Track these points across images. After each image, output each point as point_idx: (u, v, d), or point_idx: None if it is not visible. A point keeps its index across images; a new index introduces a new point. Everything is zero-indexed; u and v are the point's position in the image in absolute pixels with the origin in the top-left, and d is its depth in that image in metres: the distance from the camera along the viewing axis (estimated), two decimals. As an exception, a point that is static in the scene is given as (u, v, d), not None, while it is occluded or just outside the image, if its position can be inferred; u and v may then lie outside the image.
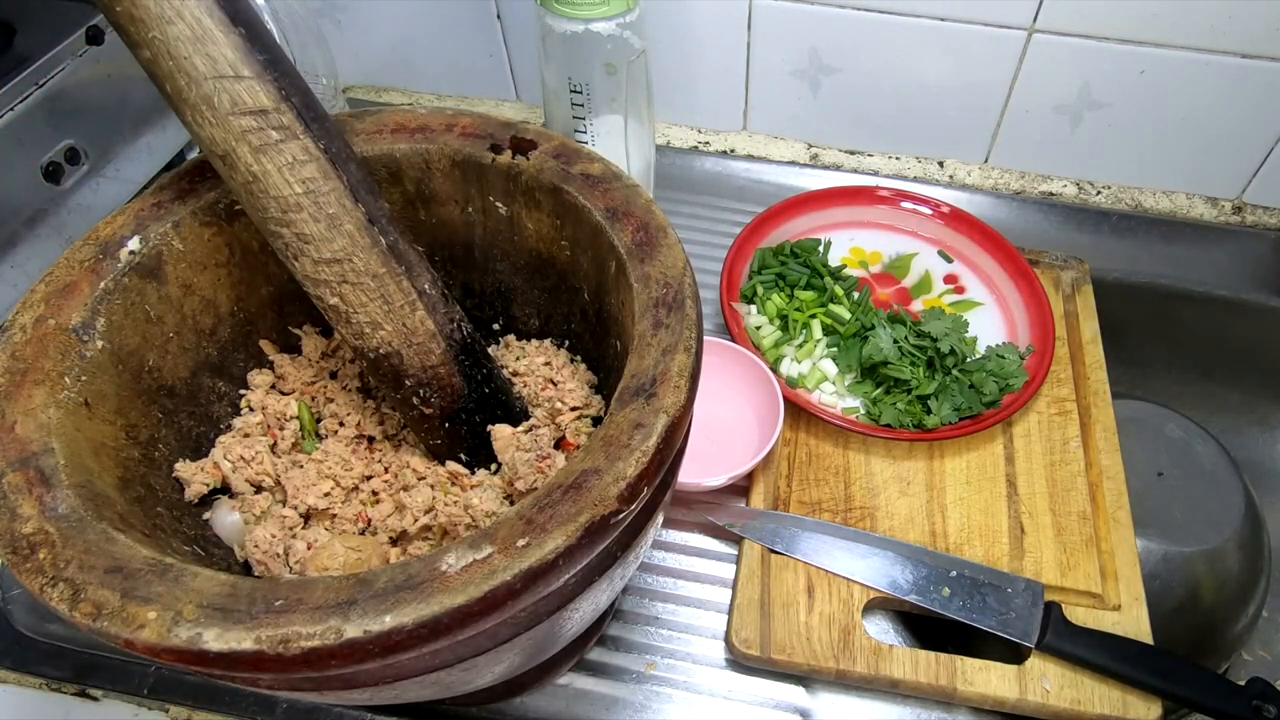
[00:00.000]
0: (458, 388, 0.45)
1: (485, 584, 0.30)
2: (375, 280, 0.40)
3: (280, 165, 0.37)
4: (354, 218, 0.39)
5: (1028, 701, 0.55)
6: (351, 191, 0.39)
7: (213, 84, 0.35)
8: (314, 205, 0.38)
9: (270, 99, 0.36)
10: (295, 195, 0.37)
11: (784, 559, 0.60)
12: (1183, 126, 0.80)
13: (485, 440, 0.47)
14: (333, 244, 0.39)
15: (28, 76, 0.65)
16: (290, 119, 0.36)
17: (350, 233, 0.39)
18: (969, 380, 0.67)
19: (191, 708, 0.57)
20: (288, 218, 0.38)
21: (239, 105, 0.35)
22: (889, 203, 0.81)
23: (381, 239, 0.40)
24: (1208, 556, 0.68)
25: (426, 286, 0.42)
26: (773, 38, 0.82)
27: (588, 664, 0.58)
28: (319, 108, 0.38)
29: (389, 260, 0.40)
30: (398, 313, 0.41)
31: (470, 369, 0.45)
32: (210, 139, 0.36)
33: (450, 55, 0.93)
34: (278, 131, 0.36)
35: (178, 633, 0.29)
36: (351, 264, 0.39)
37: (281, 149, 0.37)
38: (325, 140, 0.38)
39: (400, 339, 0.42)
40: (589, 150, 0.46)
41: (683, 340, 0.38)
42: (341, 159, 0.38)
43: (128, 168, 0.76)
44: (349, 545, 0.43)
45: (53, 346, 0.38)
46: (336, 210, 0.38)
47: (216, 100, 0.35)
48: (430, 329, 0.42)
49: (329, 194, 0.38)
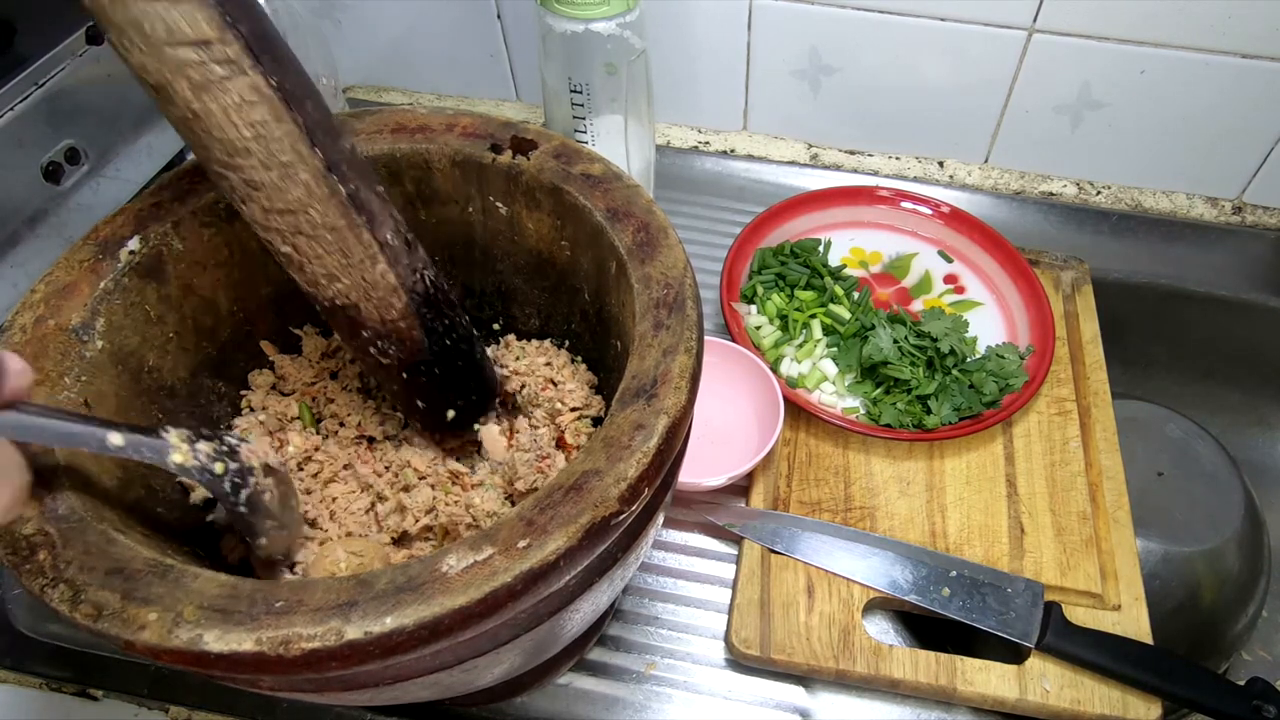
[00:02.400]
0: (418, 340, 0.42)
1: (486, 585, 0.30)
2: (333, 234, 0.37)
3: (225, 106, 0.33)
4: (310, 165, 0.35)
5: (1028, 701, 0.55)
6: (308, 135, 0.34)
7: (140, 7, 0.30)
8: (264, 151, 0.34)
9: (213, 27, 0.31)
10: (243, 139, 0.33)
11: (784, 559, 0.60)
12: (1183, 126, 0.80)
13: (444, 390, 0.46)
14: (286, 194, 0.35)
15: (28, 76, 0.65)
16: (236, 50, 0.32)
17: (306, 182, 0.35)
18: (969, 380, 0.67)
19: (191, 708, 0.57)
20: (234, 162, 0.34)
21: (175, 34, 0.31)
22: (889, 203, 0.81)
23: (341, 188, 0.36)
24: (1208, 556, 0.68)
25: (389, 236, 0.39)
26: (773, 38, 0.82)
27: (588, 664, 0.58)
28: (274, 38, 0.34)
29: (349, 211, 0.37)
30: (357, 266, 0.38)
31: (432, 321, 0.43)
32: (141, 66, 0.32)
33: (450, 55, 0.93)
34: (222, 66, 0.32)
35: (178, 634, 0.29)
36: (308, 215, 0.36)
37: (226, 86, 0.32)
38: (278, 75, 0.33)
39: (359, 293, 0.39)
40: (589, 150, 0.46)
41: (684, 341, 0.38)
42: (296, 97, 0.34)
43: (128, 168, 0.76)
44: (351, 550, 0.43)
45: (53, 346, 0.38)
46: (290, 157, 0.34)
47: (148, 26, 0.31)
48: (391, 282, 0.40)
49: (282, 139, 0.34)
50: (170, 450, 0.35)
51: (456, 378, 0.46)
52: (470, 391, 0.48)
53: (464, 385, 0.47)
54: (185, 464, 0.36)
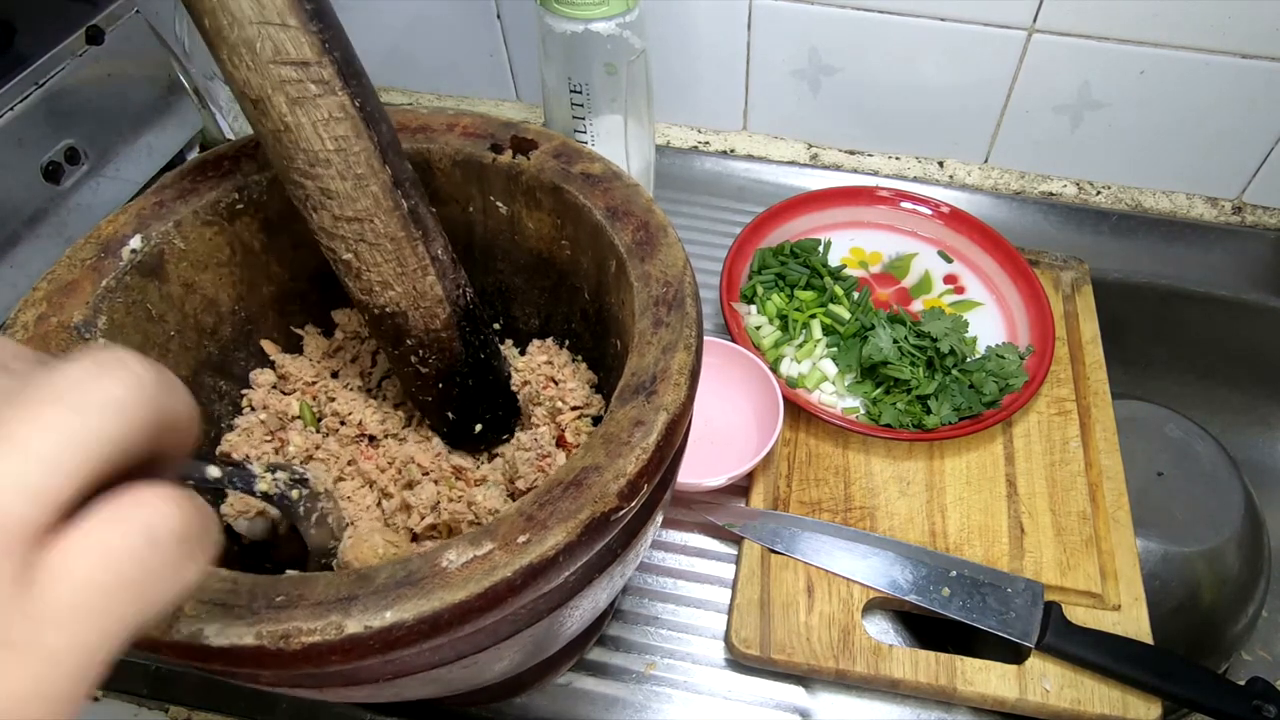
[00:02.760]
0: (457, 351, 0.45)
1: (486, 580, 0.30)
2: (393, 243, 0.40)
3: (315, 120, 0.36)
4: (380, 179, 0.38)
5: (1028, 701, 0.55)
6: (381, 152, 0.38)
7: (257, 28, 0.34)
8: (343, 163, 0.37)
9: (314, 50, 0.35)
10: (326, 151, 0.37)
11: (784, 559, 0.61)
12: (1183, 126, 0.80)
13: (474, 402, 0.48)
14: (356, 203, 0.39)
15: (28, 76, 0.65)
16: (330, 73, 0.36)
17: (375, 194, 0.39)
18: (969, 380, 0.68)
19: (191, 707, 0.57)
20: (315, 171, 0.38)
21: (281, 54, 0.35)
22: (889, 203, 0.81)
23: (404, 202, 0.40)
24: (1208, 556, 0.68)
25: (439, 252, 0.42)
26: (773, 38, 0.82)
27: (588, 664, 0.58)
28: (358, 64, 0.38)
29: (408, 224, 0.40)
30: (410, 276, 0.41)
31: (470, 335, 0.45)
32: (245, 81, 0.36)
33: (450, 55, 0.93)
34: (316, 85, 0.36)
35: (178, 628, 0.29)
36: (372, 225, 0.39)
37: (319, 103, 0.36)
38: (361, 98, 0.37)
39: (409, 301, 0.42)
40: (589, 150, 0.46)
41: (683, 338, 0.38)
42: (374, 118, 0.38)
43: (128, 168, 0.76)
44: (388, 539, 0.43)
45: (54, 344, 0.38)
46: (364, 170, 0.38)
47: (259, 46, 0.34)
48: (439, 294, 0.43)
49: (359, 153, 0.38)
50: (257, 480, 0.39)
51: (486, 391, 0.48)
52: (498, 407, 0.49)
53: (492, 400, 0.49)
54: (270, 491, 0.39)
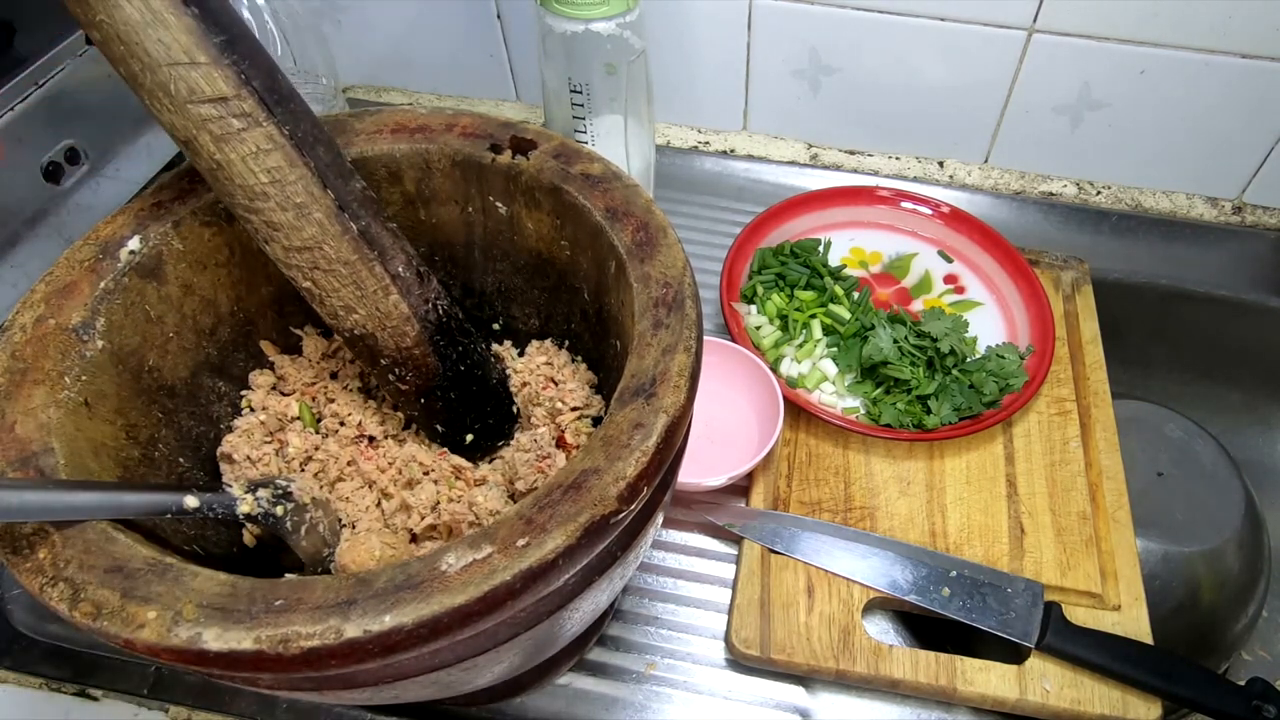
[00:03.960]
0: (433, 367, 0.45)
1: (485, 584, 0.30)
2: (347, 267, 0.40)
3: (243, 155, 0.36)
4: (323, 205, 0.38)
5: (1028, 701, 0.55)
6: (320, 178, 0.38)
7: (167, 71, 0.33)
8: (281, 195, 0.37)
9: (229, 85, 0.34)
10: (261, 185, 0.36)
11: (784, 559, 0.60)
12: (1183, 126, 0.80)
13: (461, 413, 0.47)
14: (302, 233, 0.38)
15: (28, 76, 0.65)
16: (252, 105, 0.35)
17: (320, 221, 0.38)
18: (969, 380, 0.67)
19: (191, 708, 0.57)
20: (255, 205, 0.37)
21: (196, 93, 0.34)
22: (889, 203, 0.81)
23: (352, 225, 0.39)
24: (1208, 556, 0.68)
25: (400, 269, 0.42)
26: (773, 38, 0.82)
27: (588, 664, 0.58)
28: (284, 87, 0.37)
29: (360, 246, 0.40)
30: (371, 297, 0.41)
31: (446, 349, 0.45)
32: (171, 125, 0.35)
33: (450, 55, 0.93)
34: (239, 119, 0.35)
35: (177, 632, 0.29)
36: (322, 251, 0.39)
37: (244, 138, 0.35)
38: (290, 124, 0.37)
39: (374, 323, 0.42)
40: (589, 150, 0.46)
41: (683, 340, 0.38)
42: (308, 142, 0.37)
43: (128, 168, 0.76)
44: (385, 540, 0.43)
45: (53, 346, 0.38)
46: (304, 199, 0.37)
47: (174, 88, 0.34)
48: (404, 312, 0.42)
49: (295, 182, 0.37)
50: (238, 503, 0.39)
51: (472, 402, 0.48)
52: (487, 415, 0.49)
53: (480, 409, 0.49)
54: (252, 512, 0.39)
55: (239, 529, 0.45)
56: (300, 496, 0.42)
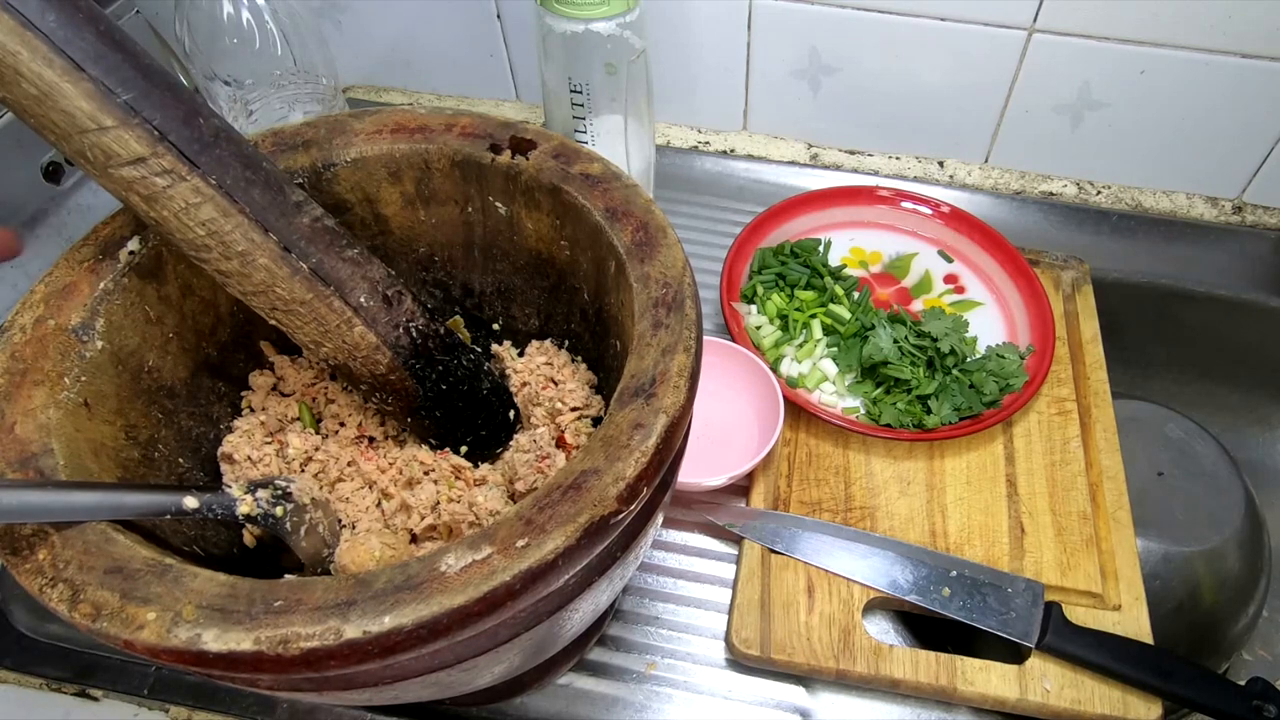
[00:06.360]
0: (412, 390, 0.44)
1: (484, 585, 0.30)
2: (304, 306, 0.39)
3: (175, 211, 0.35)
4: (266, 250, 0.37)
5: (1028, 701, 0.55)
6: (258, 223, 0.36)
7: (79, 139, 0.32)
8: (221, 245, 0.36)
9: (143, 145, 0.33)
10: (199, 237, 0.36)
11: (784, 559, 0.60)
12: (1183, 126, 0.80)
13: (451, 428, 0.47)
14: (251, 279, 0.37)
15: (27, 77, 0.65)
16: (171, 160, 0.34)
17: (265, 265, 0.37)
18: (969, 380, 0.67)
19: (191, 708, 0.57)
20: (202, 257, 0.37)
21: (114, 157, 0.33)
22: (889, 203, 0.81)
23: (302, 264, 0.38)
24: (1208, 556, 0.68)
25: (363, 299, 0.41)
26: (773, 38, 0.82)
27: (588, 664, 0.58)
28: (207, 133, 0.35)
29: (314, 284, 0.39)
30: (335, 332, 0.40)
31: (424, 370, 0.44)
32: (105, 188, 0.35)
33: (450, 55, 0.93)
34: (161, 177, 0.34)
35: (177, 633, 0.29)
36: (275, 293, 0.38)
37: (170, 194, 0.34)
38: (218, 173, 0.35)
39: (344, 354, 0.41)
40: (589, 150, 0.46)
41: (682, 340, 0.38)
42: (240, 187, 0.36)
43: (127, 168, 0.76)
44: (385, 541, 0.43)
45: (52, 347, 0.38)
46: (245, 246, 0.36)
47: (91, 155, 0.33)
48: (373, 342, 0.41)
49: (233, 231, 0.36)
50: (238, 503, 0.39)
51: (461, 417, 0.48)
52: (479, 427, 0.49)
53: (471, 423, 0.48)
54: (252, 513, 0.39)
55: (239, 530, 0.45)
56: (300, 497, 0.42)
